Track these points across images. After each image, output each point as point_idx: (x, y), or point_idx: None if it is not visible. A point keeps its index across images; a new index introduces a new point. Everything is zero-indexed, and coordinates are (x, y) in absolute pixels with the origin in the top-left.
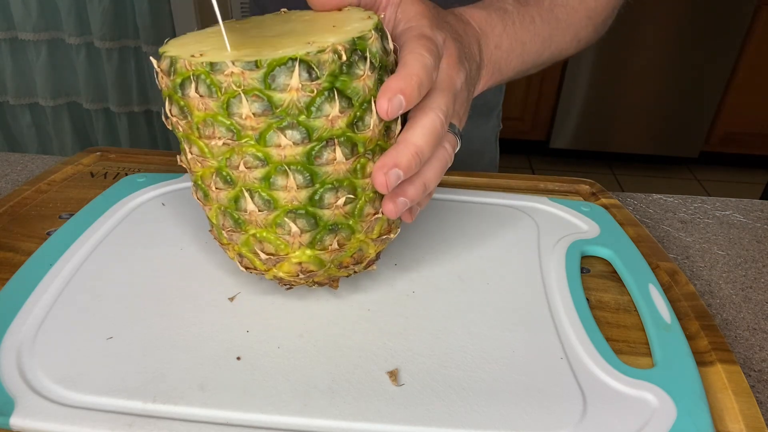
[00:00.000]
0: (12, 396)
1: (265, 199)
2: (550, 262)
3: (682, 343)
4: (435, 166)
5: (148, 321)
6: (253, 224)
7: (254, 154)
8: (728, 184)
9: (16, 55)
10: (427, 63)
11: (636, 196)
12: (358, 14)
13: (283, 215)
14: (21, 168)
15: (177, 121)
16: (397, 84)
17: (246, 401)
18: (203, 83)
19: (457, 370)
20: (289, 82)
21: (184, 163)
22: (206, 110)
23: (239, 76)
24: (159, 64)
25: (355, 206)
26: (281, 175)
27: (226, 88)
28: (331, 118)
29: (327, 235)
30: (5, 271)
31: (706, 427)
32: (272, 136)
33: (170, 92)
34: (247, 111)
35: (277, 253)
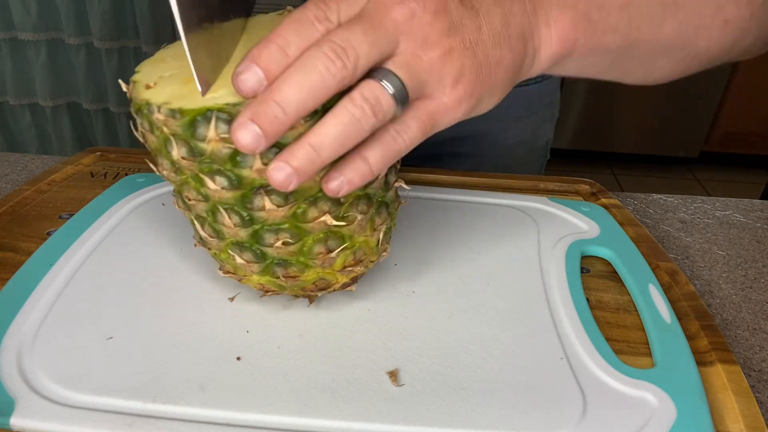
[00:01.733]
0: (12, 396)
1: (214, 228)
2: (550, 262)
3: (682, 343)
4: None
5: (148, 321)
6: (232, 242)
7: (197, 189)
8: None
9: (16, 55)
10: (301, 14)
11: (636, 196)
12: None
13: (229, 247)
14: (21, 168)
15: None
16: (252, 52)
17: (246, 401)
18: (146, 119)
19: (457, 370)
20: (206, 133)
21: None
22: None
23: (164, 123)
24: (131, 79)
25: (301, 246)
26: (219, 213)
27: (161, 130)
28: (256, 170)
29: (276, 268)
30: (5, 271)
31: (706, 427)
32: (204, 179)
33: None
34: (176, 155)
35: (236, 272)
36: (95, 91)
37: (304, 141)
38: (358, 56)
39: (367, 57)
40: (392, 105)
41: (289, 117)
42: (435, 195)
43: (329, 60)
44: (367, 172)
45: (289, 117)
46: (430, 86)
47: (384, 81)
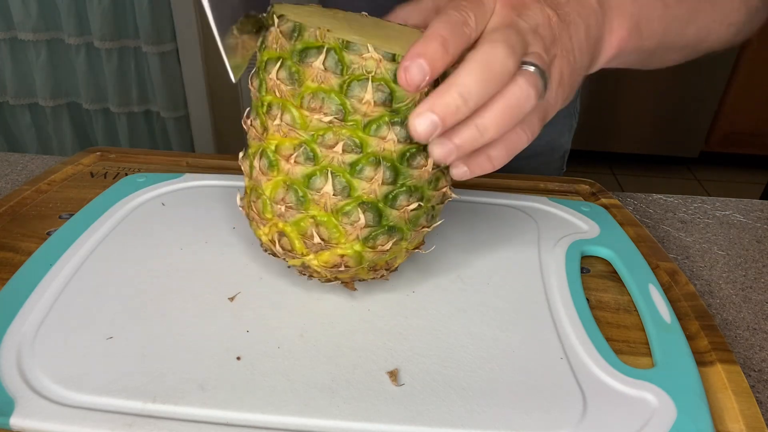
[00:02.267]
0: (12, 396)
1: (344, 184)
2: (550, 262)
3: (682, 343)
4: (498, 110)
5: (148, 321)
6: (319, 206)
7: (353, 139)
8: (728, 184)
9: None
10: (455, 19)
11: (636, 196)
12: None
13: (355, 205)
14: (21, 168)
15: (278, 85)
16: (415, 49)
17: (246, 401)
18: (332, 58)
19: (457, 370)
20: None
21: (254, 128)
22: (322, 83)
23: (375, 63)
24: (279, 25)
25: (417, 214)
26: (371, 165)
27: (355, 70)
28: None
29: (382, 235)
30: (5, 271)
31: (706, 427)
32: (380, 127)
33: (285, 55)
34: (369, 97)
35: (330, 240)
36: (95, 91)
37: (471, 122)
38: (519, 54)
39: (522, 53)
40: (543, 90)
41: (468, 110)
42: None
43: (504, 54)
44: (489, 168)
45: (468, 110)
46: (548, 81)
47: (535, 67)
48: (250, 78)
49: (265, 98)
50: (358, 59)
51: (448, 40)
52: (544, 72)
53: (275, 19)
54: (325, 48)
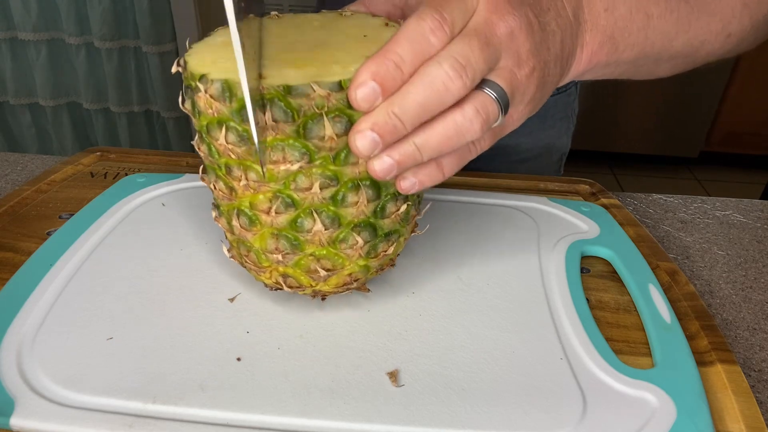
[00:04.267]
0: (12, 396)
1: (331, 217)
2: (550, 262)
3: (682, 343)
4: (439, 133)
5: (148, 321)
6: (314, 244)
7: (326, 175)
8: (728, 184)
9: (16, 55)
10: (419, 26)
11: (636, 196)
12: (375, 21)
13: (348, 230)
14: (21, 168)
15: (230, 149)
16: (368, 66)
17: (246, 402)
18: (279, 109)
19: (457, 370)
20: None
21: (219, 191)
22: (277, 135)
23: (324, 99)
24: (206, 89)
25: (407, 211)
26: (352, 191)
27: (306, 111)
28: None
29: (381, 243)
30: (5, 271)
31: (706, 427)
32: (349, 154)
33: (225, 118)
34: (329, 133)
35: (334, 268)
36: (95, 90)
37: (410, 139)
38: (475, 73)
39: (481, 73)
40: (498, 117)
41: (406, 129)
42: (435, 195)
43: (449, 79)
44: (440, 177)
45: (406, 129)
46: (514, 101)
47: (492, 93)
48: (195, 143)
49: (221, 161)
50: (305, 101)
51: (405, 60)
52: (506, 96)
53: (197, 84)
54: (267, 100)
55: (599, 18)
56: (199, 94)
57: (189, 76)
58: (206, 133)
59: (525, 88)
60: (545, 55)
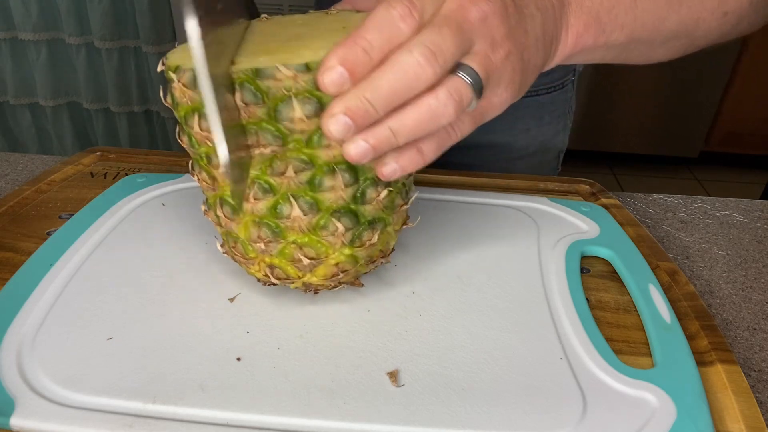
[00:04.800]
0: (12, 396)
1: (309, 202)
2: (550, 262)
3: (682, 343)
4: (413, 117)
5: (148, 321)
6: (294, 230)
7: (300, 158)
8: (728, 184)
9: (16, 55)
10: (389, 13)
11: (636, 196)
12: (357, 16)
13: (327, 216)
14: (21, 168)
15: (205, 136)
16: (338, 51)
17: (246, 401)
18: (248, 91)
19: (457, 370)
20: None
21: (203, 181)
22: (249, 118)
23: (291, 80)
24: (179, 78)
25: (391, 198)
26: (328, 175)
27: (275, 93)
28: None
29: (366, 231)
30: (5, 271)
31: (706, 427)
32: (322, 137)
33: (198, 106)
34: (299, 114)
35: (318, 256)
36: (95, 90)
37: (384, 124)
38: (446, 60)
39: (452, 59)
40: (472, 100)
41: (378, 114)
42: (435, 195)
43: (420, 66)
44: (420, 161)
45: (378, 114)
46: (489, 85)
47: (466, 77)
48: (178, 135)
49: (200, 150)
50: (274, 82)
51: (373, 46)
52: (480, 80)
53: (172, 75)
54: (237, 84)
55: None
56: (174, 85)
57: (167, 69)
58: (185, 123)
59: (501, 72)
60: (522, 38)
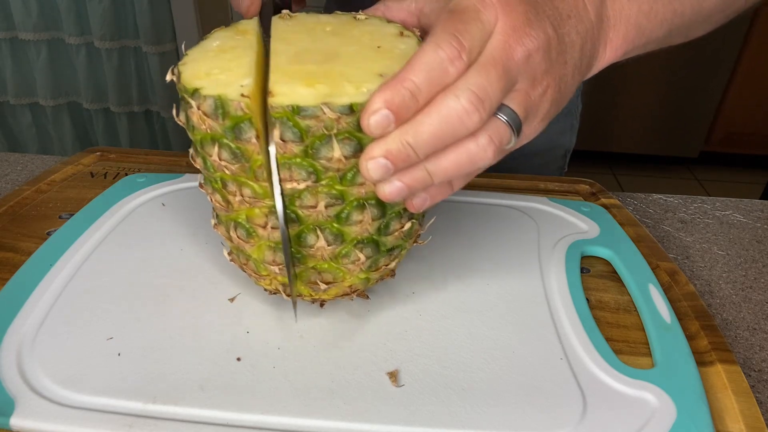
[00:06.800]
0: (12, 396)
1: (335, 234)
2: (550, 262)
3: (682, 343)
4: (452, 160)
5: (148, 321)
6: (316, 258)
7: (332, 194)
8: (728, 184)
9: (16, 55)
10: (436, 55)
11: (636, 196)
12: (389, 29)
13: (351, 246)
14: (21, 168)
15: (224, 166)
16: (383, 94)
17: (246, 402)
18: (288, 129)
19: (457, 370)
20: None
21: (217, 202)
22: (285, 153)
23: (333, 121)
24: (199, 105)
25: (411, 228)
26: (357, 210)
27: (314, 132)
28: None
29: (383, 257)
30: (5, 271)
31: (706, 427)
32: (356, 175)
33: (218, 136)
34: (338, 154)
35: (335, 281)
36: (95, 90)
37: (422, 165)
38: (492, 106)
39: (497, 103)
40: (511, 140)
41: (419, 158)
42: None
43: (467, 114)
44: (448, 191)
45: (419, 158)
46: (527, 121)
47: (507, 119)
48: (191, 156)
49: (216, 175)
50: (315, 122)
51: (420, 90)
52: (519, 119)
53: (190, 100)
54: (276, 119)
55: (623, 9)
56: (192, 110)
57: (182, 89)
58: (200, 148)
59: (538, 108)
60: (561, 69)
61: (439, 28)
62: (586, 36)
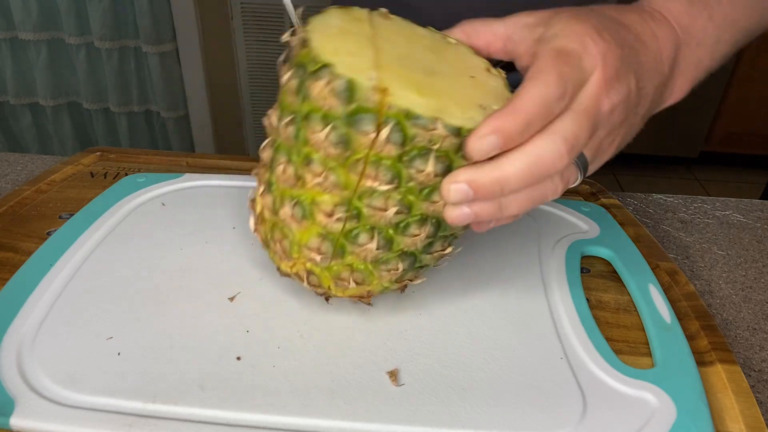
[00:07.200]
0: (12, 396)
1: (387, 240)
2: (550, 262)
3: (682, 343)
4: (525, 198)
5: (148, 321)
6: (358, 257)
7: (403, 203)
8: (728, 184)
9: (16, 55)
10: (547, 94)
11: (636, 196)
12: (478, 62)
13: (395, 256)
14: (21, 168)
15: (325, 146)
16: (495, 121)
17: (246, 401)
18: (396, 132)
19: (457, 370)
20: None
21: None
22: (380, 152)
23: (440, 138)
24: (328, 81)
25: (448, 252)
26: (417, 224)
27: (417, 142)
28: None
29: (411, 272)
30: (5, 271)
31: (706, 427)
32: (433, 193)
33: (334, 116)
34: (431, 170)
35: (363, 282)
36: (95, 90)
37: (496, 200)
38: (578, 152)
39: (581, 150)
40: (576, 182)
41: (502, 194)
42: None
43: (560, 158)
44: (510, 220)
45: (502, 194)
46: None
47: (579, 163)
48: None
49: (303, 150)
50: (423, 132)
51: (534, 122)
52: (587, 162)
53: (319, 70)
54: (392, 122)
55: (693, 55)
56: (318, 83)
57: (310, 56)
58: (303, 119)
59: (605, 153)
60: (633, 119)
61: (545, 66)
62: (659, 87)
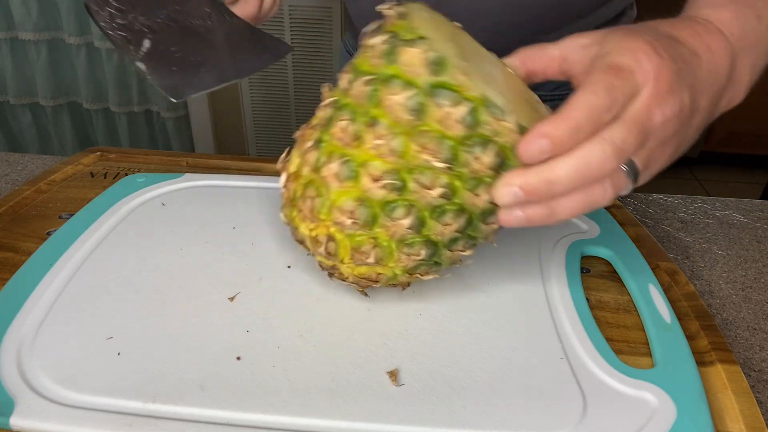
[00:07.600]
0: (12, 396)
1: (419, 221)
2: (550, 262)
3: (682, 343)
4: (576, 201)
5: (148, 321)
6: (386, 231)
7: (450, 187)
8: (728, 184)
9: (16, 55)
10: (596, 103)
11: (636, 196)
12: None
13: (421, 240)
14: (21, 168)
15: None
16: (545, 126)
17: (246, 401)
18: (470, 113)
19: (457, 370)
20: None
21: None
22: (446, 130)
23: (508, 131)
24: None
25: (466, 255)
26: (453, 213)
27: (484, 130)
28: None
29: (426, 266)
30: (5, 271)
31: (706, 427)
32: (478, 185)
33: (418, 85)
34: (487, 160)
35: (380, 261)
36: (95, 90)
37: (546, 203)
38: (626, 159)
39: (629, 157)
40: (626, 190)
41: (552, 196)
42: None
43: (608, 161)
44: (550, 221)
45: (552, 196)
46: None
47: (629, 170)
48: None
49: (372, 111)
50: (493, 121)
51: (582, 128)
52: (638, 171)
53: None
54: (469, 104)
55: (747, 62)
56: (412, 50)
57: (408, 27)
58: (382, 81)
59: (657, 163)
60: (686, 131)
61: (596, 78)
62: (714, 99)
